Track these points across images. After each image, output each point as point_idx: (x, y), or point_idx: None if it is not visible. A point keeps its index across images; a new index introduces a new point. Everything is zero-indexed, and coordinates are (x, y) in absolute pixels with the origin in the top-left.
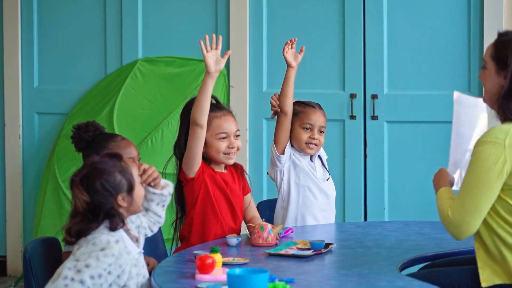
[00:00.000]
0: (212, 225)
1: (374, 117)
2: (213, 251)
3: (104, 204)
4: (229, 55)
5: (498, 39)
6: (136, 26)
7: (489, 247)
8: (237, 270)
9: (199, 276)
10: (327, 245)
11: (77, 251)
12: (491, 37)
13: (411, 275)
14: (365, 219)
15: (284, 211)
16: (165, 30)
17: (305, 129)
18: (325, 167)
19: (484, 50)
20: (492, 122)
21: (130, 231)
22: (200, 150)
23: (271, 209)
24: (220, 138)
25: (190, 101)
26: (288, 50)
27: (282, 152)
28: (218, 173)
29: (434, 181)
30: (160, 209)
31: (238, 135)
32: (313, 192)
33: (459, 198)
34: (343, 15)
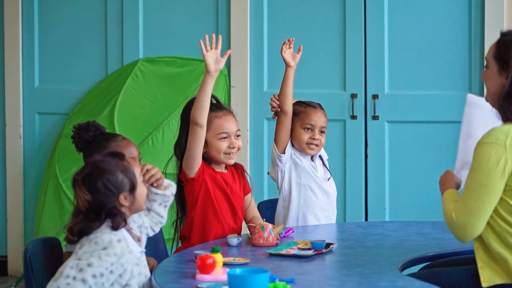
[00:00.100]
0: (213, 225)
1: (375, 117)
2: (214, 251)
3: (106, 203)
4: (229, 54)
5: (501, 38)
6: (137, 26)
7: (489, 247)
8: (238, 270)
9: (199, 276)
10: (327, 245)
11: (79, 250)
12: (492, 37)
13: (411, 275)
14: (366, 219)
15: (285, 211)
16: (166, 30)
17: (306, 129)
18: (326, 167)
19: (485, 50)
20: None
21: (132, 230)
22: (200, 150)
23: (272, 209)
24: (221, 138)
25: (191, 101)
26: (286, 50)
27: (283, 152)
28: (219, 173)
29: (440, 182)
30: (162, 209)
31: (238, 135)
32: (314, 191)
33: (463, 200)
34: (344, 15)
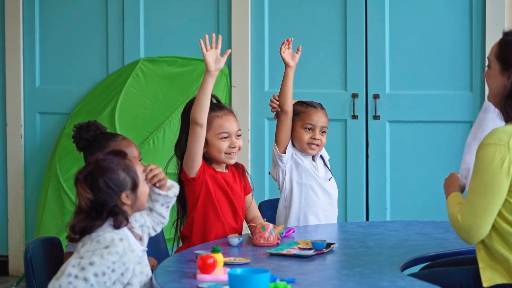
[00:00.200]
0: (214, 225)
1: (376, 117)
2: (215, 251)
3: (107, 201)
4: (229, 54)
5: (503, 38)
6: (138, 25)
7: (492, 248)
8: (238, 270)
9: (200, 276)
10: (328, 245)
11: (81, 249)
12: (493, 37)
13: (412, 275)
14: (367, 219)
15: (287, 211)
16: (166, 30)
17: (307, 129)
18: (327, 167)
19: (486, 49)
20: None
21: (133, 229)
22: (201, 149)
23: (273, 209)
24: (222, 138)
25: (191, 101)
26: (285, 50)
27: (284, 152)
28: (219, 172)
29: (444, 186)
30: (165, 210)
31: (239, 135)
32: (315, 191)
33: (468, 202)
34: (345, 15)
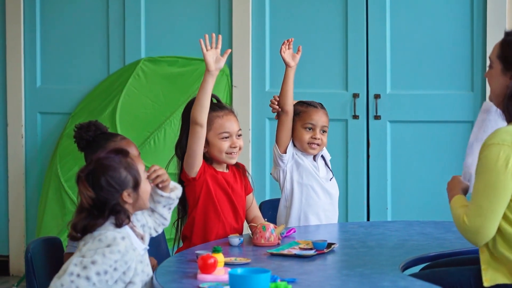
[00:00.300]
0: (214, 225)
1: (377, 117)
2: (215, 251)
3: (109, 200)
4: (229, 53)
5: (505, 38)
6: (138, 25)
7: (495, 249)
8: (239, 270)
9: (201, 276)
10: (329, 245)
11: (83, 247)
12: (494, 37)
13: (413, 275)
14: (368, 219)
15: (287, 211)
16: (167, 30)
17: (307, 129)
18: (328, 167)
19: (487, 49)
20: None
21: (135, 228)
22: (201, 149)
23: (274, 209)
24: (223, 138)
25: (192, 101)
26: (286, 50)
27: (284, 152)
28: (220, 172)
29: (447, 189)
30: (166, 211)
31: (240, 135)
32: (316, 191)
33: (474, 203)
34: (346, 14)
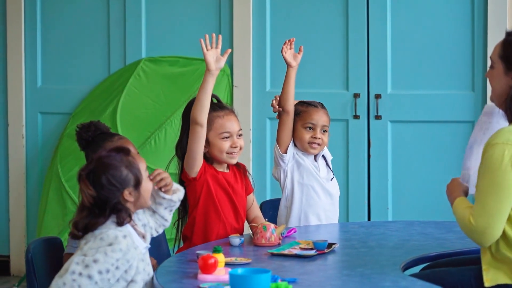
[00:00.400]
0: (215, 225)
1: (377, 117)
2: (216, 251)
3: (110, 198)
4: (229, 53)
5: (506, 38)
6: (139, 25)
7: (497, 251)
8: (240, 270)
9: (201, 276)
10: (330, 245)
11: (85, 246)
12: (495, 36)
13: (414, 275)
14: (369, 219)
15: (288, 211)
16: (168, 29)
17: (308, 128)
18: (329, 167)
19: (488, 49)
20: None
21: (136, 227)
22: (201, 149)
23: (274, 209)
24: (223, 138)
25: (192, 101)
26: (287, 50)
27: (285, 151)
28: (221, 172)
29: (447, 191)
30: (167, 213)
31: (240, 135)
32: (316, 191)
33: (480, 204)
34: (347, 14)
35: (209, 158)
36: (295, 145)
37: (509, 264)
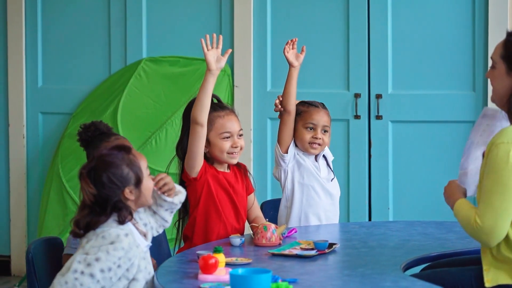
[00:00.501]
0: (215, 225)
1: (378, 117)
2: (216, 251)
3: (111, 197)
4: (229, 53)
5: (508, 38)
6: (140, 25)
7: (498, 252)
8: (240, 271)
9: (202, 276)
10: (330, 245)
11: (86, 245)
12: (496, 36)
13: (414, 275)
14: (370, 219)
15: (288, 211)
16: (169, 29)
17: (308, 128)
18: (330, 168)
19: (489, 49)
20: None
21: (137, 225)
22: (201, 149)
23: (275, 209)
24: (224, 138)
25: (192, 101)
26: (289, 50)
27: (286, 152)
28: (221, 172)
29: (446, 194)
30: (168, 214)
31: (241, 135)
32: (317, 192)
33: (487, 203)
34: (348, 14)
35: (209, 158)
36: (295, 145)
37: (510, 264)
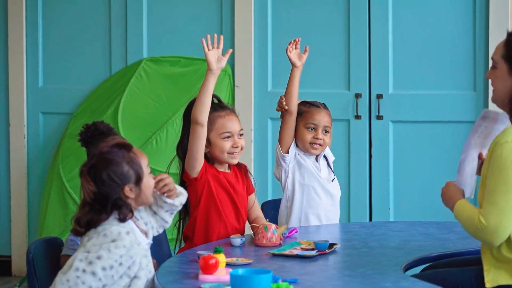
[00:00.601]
0: (216, 225)
1: (379, 117)
2: (217, 251)
3: (111, 194)
4: (230, 53)
5: (509, 38)
6: (140, 25)
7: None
8: (241, 271)
9: (202, 276)
10: (331, 245)
11: (88, 243)
12: (496, 36)
13: (415, 275)
14: (370, 219)
15: (288, 211)
16: (170, 29)
17: (309, 129)
18: (330, 168)
19: (490, 49)
20: None
21: (138, 223)
22: (202, 149)
23: (276, 209)
24: (224, 138)
25: (193, 101)
26: (292, 50)
27: (287, 152)
28: (222, 173)
29: (444, 196)
30: (168, 215)
31: (241, 135)
32: (317, 192)
33: (491, 202)
34: (348, 14)
35: (210, 158)
36: (296, 146)
37: (510, 264)
